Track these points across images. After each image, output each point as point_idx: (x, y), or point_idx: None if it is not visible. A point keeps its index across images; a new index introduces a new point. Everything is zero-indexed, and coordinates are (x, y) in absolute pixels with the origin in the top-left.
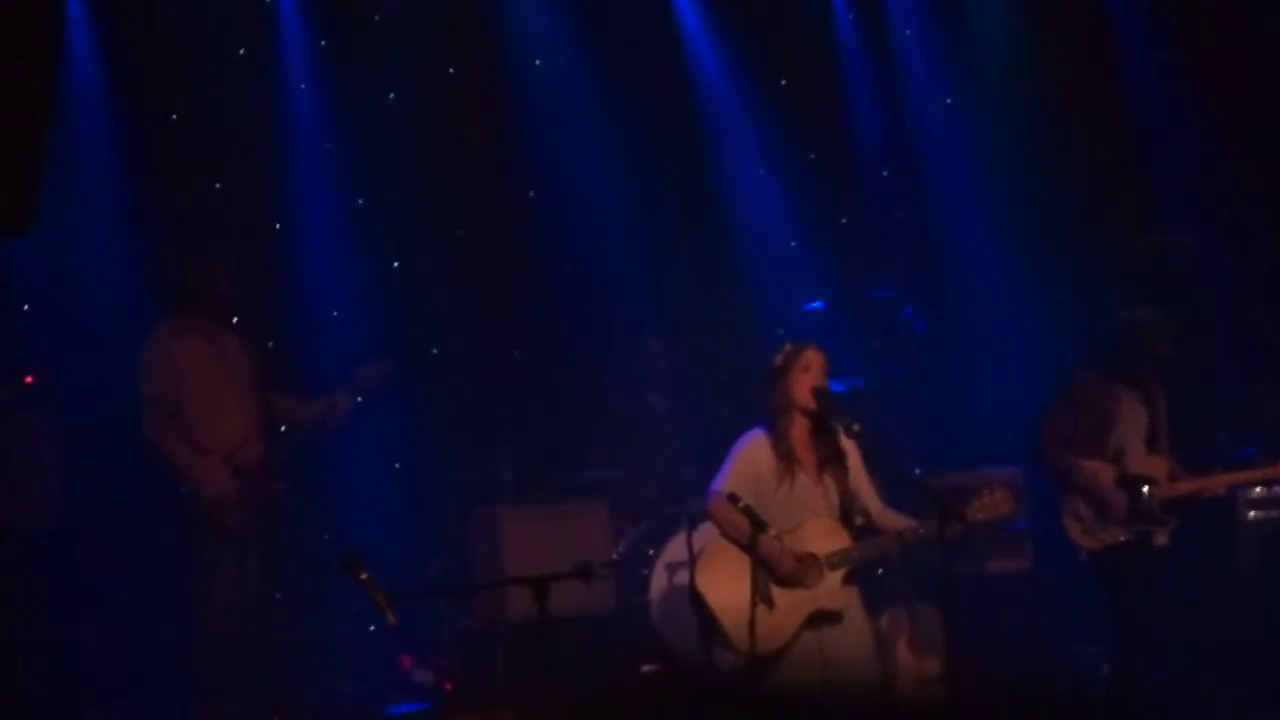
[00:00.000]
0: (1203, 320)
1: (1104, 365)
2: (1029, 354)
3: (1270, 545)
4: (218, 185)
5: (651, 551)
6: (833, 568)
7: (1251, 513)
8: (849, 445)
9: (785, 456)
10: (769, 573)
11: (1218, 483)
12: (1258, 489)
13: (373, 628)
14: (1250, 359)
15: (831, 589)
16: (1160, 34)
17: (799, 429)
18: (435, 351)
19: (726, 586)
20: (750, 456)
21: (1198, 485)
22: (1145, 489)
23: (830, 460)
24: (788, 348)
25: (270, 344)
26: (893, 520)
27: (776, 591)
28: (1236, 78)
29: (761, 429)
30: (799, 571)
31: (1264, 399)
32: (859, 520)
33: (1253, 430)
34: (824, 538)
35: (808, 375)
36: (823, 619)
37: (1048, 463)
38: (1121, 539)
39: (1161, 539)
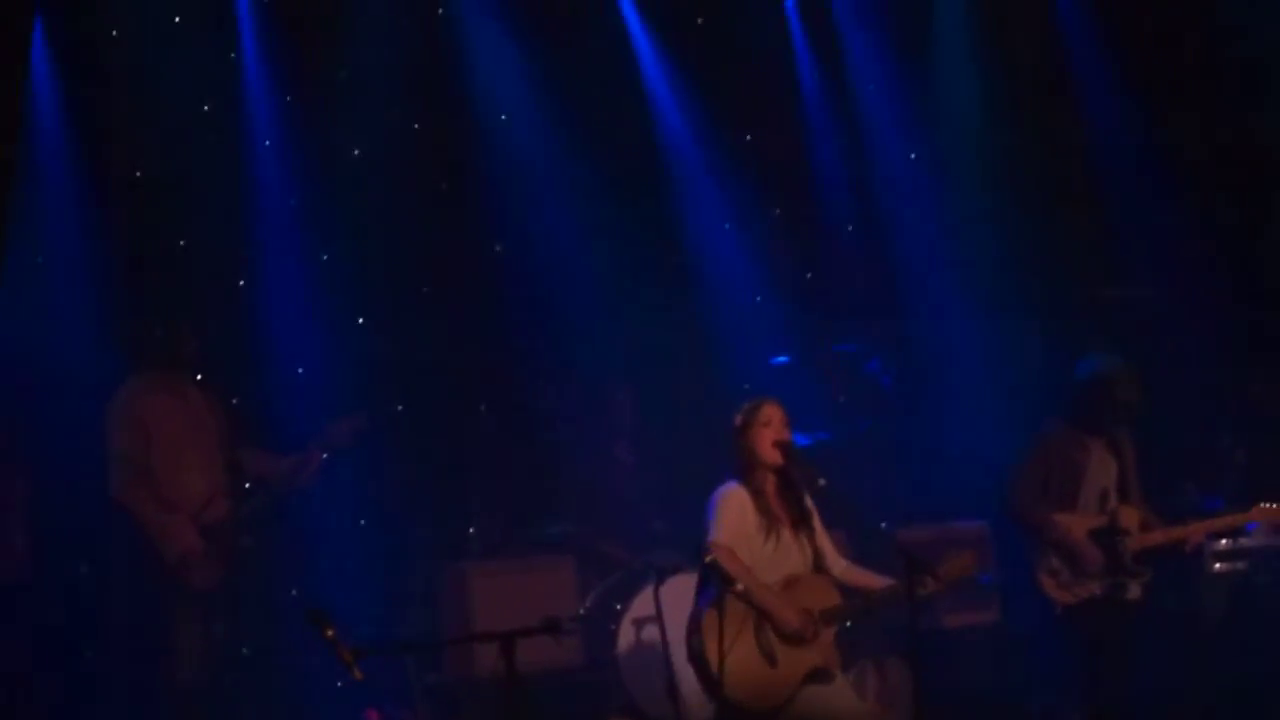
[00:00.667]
0: (1167, 372)
1: (1071, 416)
2: (995, 406)
3: (1236, 597)
4: (182, 242)
5: (619, 606)
6: (826, 624)
7: (1217, 564)
8: (811, 506)
9: (766, 513)
10: (773, 626)
11: (1191, 531)
12: (1223, 541)
13: (340, 683)
14: (1215, 410)
15: (825, 646)
16: (1124, 91)
17: (769, 485)
18: (401, 407)
19: (728, 644)
20: (736, 509)
21: (1171, 535)
22: (1118, 540)
23: (802, 517)
24: (745, 406)
25: (235, 400)
26: (858, 576)
27: (778, 647)
28: (1200, 134)
29: (736, 482)
30: (803, 625)
31: (1229, 450)
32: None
33: (1219, 481)
34: (817, 593)
35: (768, 430)
36: (817, 677)
37: (1020, 520)
38: (1097, 592)
39: (1135, 591)
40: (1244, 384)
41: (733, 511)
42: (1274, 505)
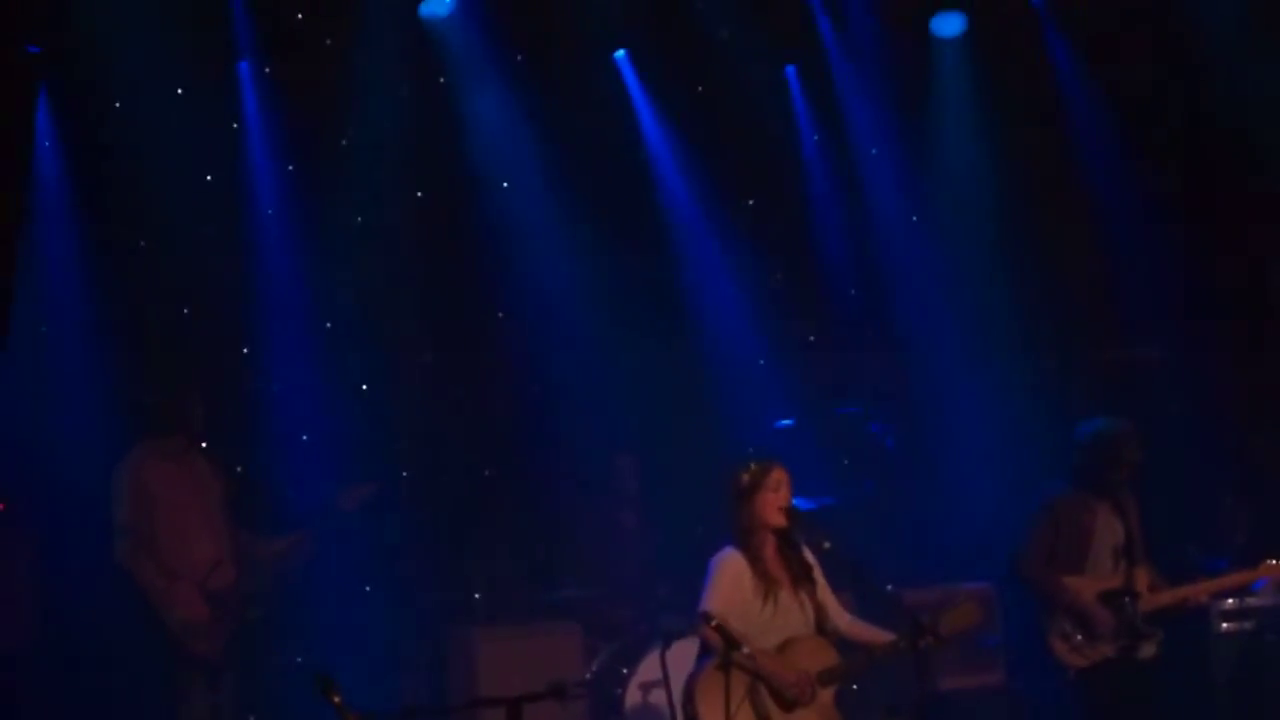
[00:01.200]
0: (1170, 433)
1: (1076, 479)
2: (998, 468)
3: (1244, 657)
4: (185, 310)
5: (625, 670)
6: (824, 685)
7: (1225, 624)
8: (812, 560)
9: (764, 576)
10: (769, 690)
11: (1200, 590)
12: (1230, 601)
13: None
14: (1218, 472)
15: (824, 707)
16: (1125, 153)
17: (769, 547)
18: (405, 474)
19: (723, 712)
20: (731, 574)
21: (1180, 595)
22: (1128, 602)
23: (802, 577)
24: (754, 467)
25: (239, 469)
26: (862, 631)
27: (775, 713)
28: (1202, 193)
29: (733, 548)
30: (798, 687)
31: (1233, 511)
32: (832, 634)
33: (1222, 542)
34: (814, 654)
35: (776, 495)
36: None
37: (1031, 585)
38: (1110, 654)
39: (1148, 650)
40: (1245, 444)
41: (727, 579)
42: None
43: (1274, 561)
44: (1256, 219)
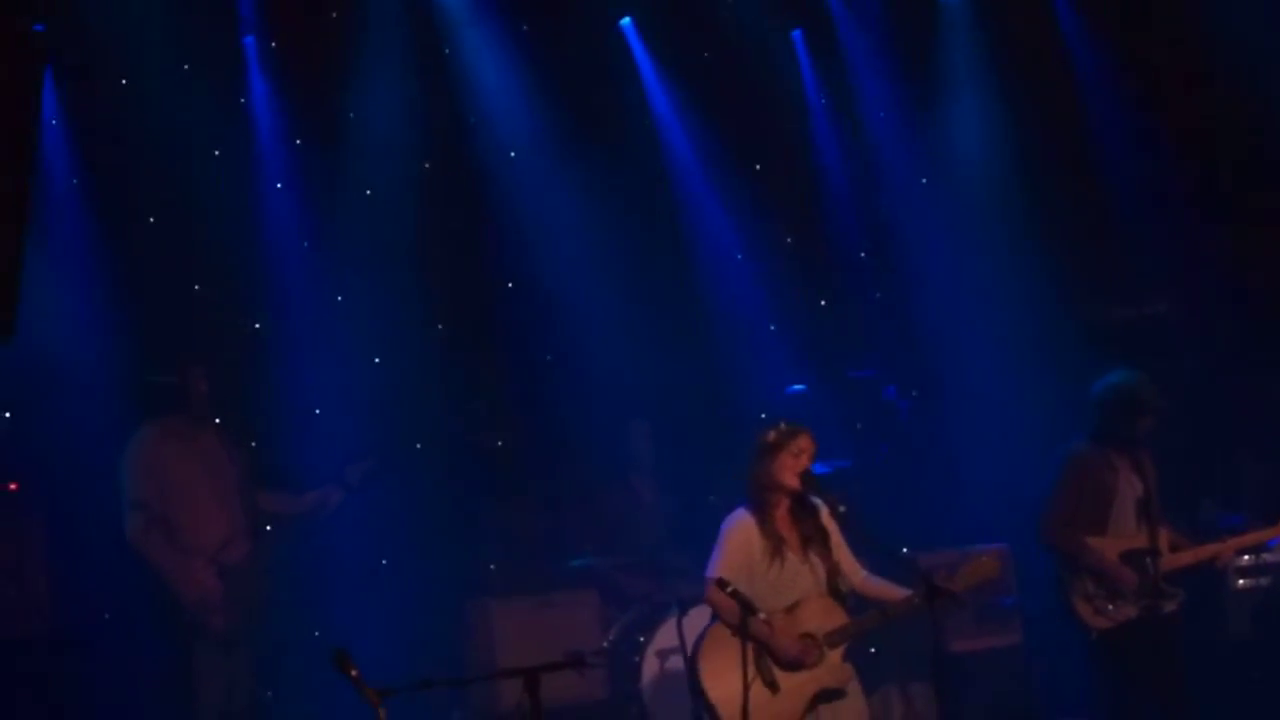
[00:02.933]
0: (1183, 390)
1: (1096, 436)
2: (1011, 429)
3: (1260, 613)
4: (197, 286)
5: (642, 638)
6: (832, 646)
7: (1240, 581)
8: (828, 520)
9: (772, 537)
10: (772, 656)
11: (1221, 549)
12: (1245, 557)
13: None
14: (1232, 427)
15: (833, 666)
16: (1132, 109)
17: (781, 508)
18: (419, 445)
19: (729, 675)
20: (739, 539)
21: (1200, 554)
22: (1150, 561)
23: (814, 537)
24: (783, 427)
25: (253, 444)
26: (877, 588)
27: (780, 675)
28: (1208, 150)
29: (745, 509)
30: (801, 653)
31: (1248, 466)
32: (846, 593)
33: (1237, 498)
34: (820, 616)
35: (797, 461)
36: (826, 696)
37: (1055, 546)
38: (1133, 615)
39: (1170, 609)
40: (1258, 399)
41: (734, 542)
42: None
43: None
44: (1265, 182)
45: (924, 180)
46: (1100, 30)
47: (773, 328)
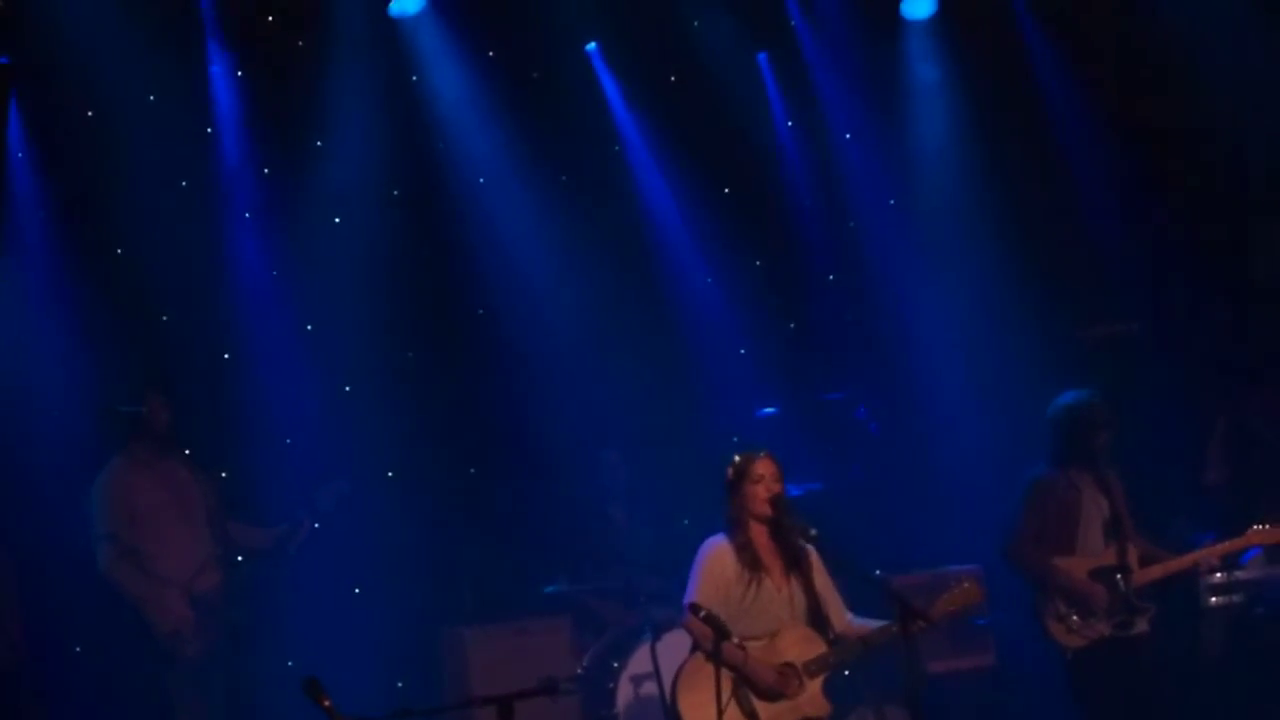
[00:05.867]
0: (1155, 407)
1: (1055, 458)
2: (982, 449)
3: (1234, 631)
4: (165, 317)
5: (616, 664)
6: (812, 675)
7: (1214, 599)
8: (809, 550)
9: (750, 563)
10: (750, 686)
11: (1188, 560)
12: (1219, 575)
13: None
14: (1204, 445)
15: (813, 696)
16: (1101, 128)
17: (760, 535)
18: (390, 474)
19: (707, 708)
20: (714, 565)
21: (1170, 567)
22: (1121, 578)
23: (794, 564)
24: (737, 459)
25: (224, 474)
26: (858, 631)
27: (759, 705)
28: (1180, 169)
29: (723, 535)
30: (780, 683)
31: (1216, 483)
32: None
33: (1207, 516)
34: (800, 645)
35: (760, 486)
36: None
37: (1022, 569)
38: (1105, 633)
39: (1142, 626)
40: (1228, 413)
41: (707, 568)
42: (1268, 526)
43: (1260, 527)
44: (1232, 191)
45: (891, 201)
46: (1067, 49)
47: (743, 351)
